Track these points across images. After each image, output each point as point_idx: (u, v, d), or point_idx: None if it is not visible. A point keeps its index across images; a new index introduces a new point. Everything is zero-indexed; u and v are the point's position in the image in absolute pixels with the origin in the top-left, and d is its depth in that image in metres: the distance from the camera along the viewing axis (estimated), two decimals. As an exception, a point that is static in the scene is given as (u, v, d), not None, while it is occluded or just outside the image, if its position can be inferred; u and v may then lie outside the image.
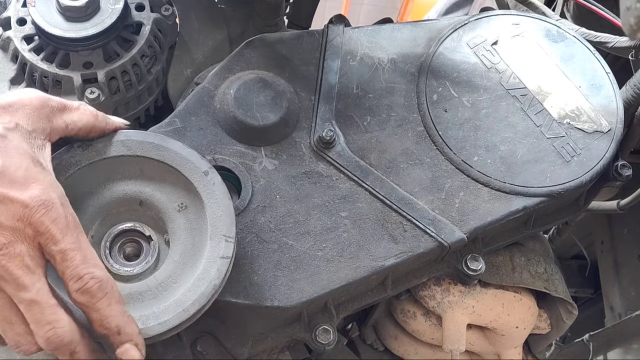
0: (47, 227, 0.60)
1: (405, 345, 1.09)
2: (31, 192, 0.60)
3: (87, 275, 0.61)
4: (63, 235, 0.61)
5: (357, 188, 0.85)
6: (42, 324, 0.60)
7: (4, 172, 0.60)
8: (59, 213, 0.61)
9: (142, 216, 0.74)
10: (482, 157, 0.88)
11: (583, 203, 0.98)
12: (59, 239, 0.60)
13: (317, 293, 0.79)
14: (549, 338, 1.13)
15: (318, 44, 0.94)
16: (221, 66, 0.91)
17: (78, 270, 0.61)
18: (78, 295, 0.61)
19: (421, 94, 0.91)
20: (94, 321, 0.62)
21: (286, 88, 0.88)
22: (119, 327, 0.63)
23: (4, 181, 0.60)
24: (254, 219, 0.81)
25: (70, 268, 0.61)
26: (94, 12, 0.92)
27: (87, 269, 0.61)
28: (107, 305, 0.62)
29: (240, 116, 0.84)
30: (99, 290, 0.61)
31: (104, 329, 0.62)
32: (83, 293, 0.61)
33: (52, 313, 0.60)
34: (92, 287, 0.61)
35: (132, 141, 0.73)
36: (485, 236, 0.91)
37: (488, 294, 0.99)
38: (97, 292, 0.61)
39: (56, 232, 0.60)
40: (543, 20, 0.99)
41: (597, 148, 0.90)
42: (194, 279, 0.68)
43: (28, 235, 0.60)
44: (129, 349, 0.63)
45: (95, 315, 0.62)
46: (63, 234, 0.61)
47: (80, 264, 0.61)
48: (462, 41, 0.95)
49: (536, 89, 0.92)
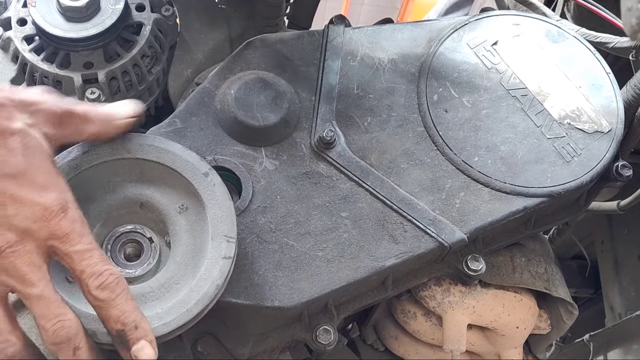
0: (65, 230, 0.61)
1: (406, 346, 1.09)
2: (51, 196, 0.61)
3: (107, 272, 0.62)
4: (81, 237, 0.62)
5: (358, 188, 0.85)
6: (49, 317, 0.60)
7: (26, 172, 0.61)
8: (75, 216, 0.63)
9: (142, 218, 0.74)
10: (483, 157, 0.88)
11: (583, 203, 0.98)
12: (77, 240, 0.62)
13: (318, 293, 0.79)
14: (550, 338, 1.13)
15: (318, 44, 0.94)
16: (222, 66, 0.91)
17: (98, 267, 0.62)
18: (98, 292, 0.62)
19: (422, 95, 0.91)
20: (112, 317, 0.62)
21: (287, 88, 0.88)
22: (136, 322, 0.63)
23: (25, 182, 0.61)
24: (255, 219, 0.81)
25: (90, 266, 0.62)
26: (95, 12, 0.92)
27: (105, 266, 0.62)
28: (124, 301, 0.63)
29: (241, 116, 0.84)
30: (118, 286, 0.62)
31: (121, 324, 0.62)
32: (103, 289, 0.62)
33: (58, 307, 0.61)
34: (112, 283, 0.62)
35: (132, 144, 0.73)
36: (485, 236, 0.91)
37: (488, 294, 0.99)
38: (116, 287, 0.62)
39: (74, 235, 0.62)
40: (543, 21, 0.99)
41: (597, 148, 0.90)
42: (197, 280, 0.68)
43: (40, 237, 0.61)
44: (144, 346, 0.63)
45: (113, 311, 0.62)
46: (80, 236, 0.62)
47: (98, 262, 0.62)
48: (462, 41, 0.95)
49: (536, 90, 0.92)
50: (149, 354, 0.63)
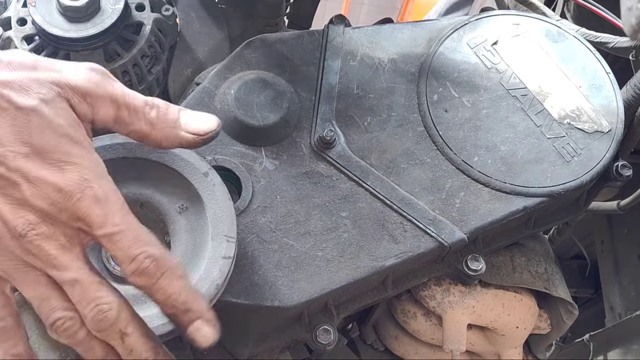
0: (85, 212, 0.55)
1: (406, 345, 1.09)
2: (66, 175, 0.55)
3: (141, 255, 0.56)
4: (105, 219, 0.55)
5: (358, 188, 0.85)
6: (85, 302, 0.55)
7: (38, 152, 0.55)
8: (98, 196, 0.56)
9: (142, 218, 0.74)
10: (483, 157, 0.88)
11: (583, 203, 0.98)
12: (101, 223, 0.55)
13: (318, 293, 0.79)
14: (550, 338, 1.13)
15: (318, 44, 0.94)
16: (221, 66, 0.91)
17: (130, 251, 0.56)
18: (135, 278, 0.56)
19: (422, 94, 0.91)
20: (159, 302, 0.57)
21: (287, 88, 0.88)
22: (185, 305, 0.57)
23: (37, 161, 0.55)
24: (255, 219, 0.81)
25: (121, 250, 0.56)
26: (95, 12, 0.91)
27: (140, 248, 0.56)
28: (168, 283, 0.57)
29: (241, 116, 0.84)
30: (157, 269, 0.56)
31: (170, 308, 0.57)
32: (140, 275, 0.56)
33: (95, 290, 0.55)
34: (149, 267, 0.56)
35: (131, 143, 0.73)
36: (485, 236, 0.91)
37: (488, 294, 0.99)
38: (155, 271, 0.56)
39: (96, 217, 0.55)
40: (543, 21, 0.99)
41: (597, 148, 0.90)
42: (197, 280, 0.68)
43: (62, 219, 0.55)
44: (200, 326, 0.58)
45: (159, 296, 0.57)
46: (105, 217, 0.55)
47: (131, 244, 0.56)
48: (462, 41, 0.95)
49: (536, 89, 0.92)
50: (206, 334, 0.58)
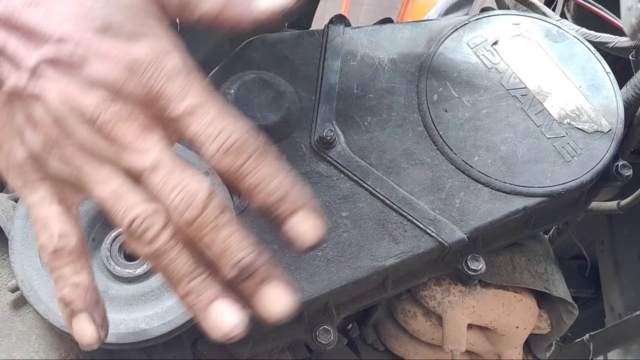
0: (163, 85, 0.47)
1: (406, 345, 1.09)
2: (141, 45, 0.48)
3: (228, 128, 0.47)
4: (187, 91, 0.48)
5: (358, 188, 0.85)
6: (171, 187, 0.46)
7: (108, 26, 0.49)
8: (178, 68, 0.48)
9: None
10: (483, 157, 0.88)
11: (583, 203, 0.98)
12: (183, 96, 0.47)
13: (318, 293, 0.79)
14: (550, 338, 1.13)
15: (318, 44, 0.94)
16: (221, 66, 0.91)
17: (214, 125, 0.47)
18: (220, 158, 0.46)
19: (421, 94, 0.91)
20: (249, 189, 0.47)
21: (286, 88, 0.88)
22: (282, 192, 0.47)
23: (107, 35, 0.48)
24: (255, 219, 0.81)
25: (204, 124, 0.47)
26: (95, 12, 0.91)
27: (225, 120, 0.47)
28: (259, 164, 0.47)
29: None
30: (246, 145, 0.47)
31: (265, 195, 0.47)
32: (225, 153, 0.46)
33: (182, 171, 0.46)
34: (237, 142, 0.46)
35: None
36: (485, 236, 0.91)
37: (488, 294, 0.99)
38: (244, 147, 0.46)
39: (176, 89, 0.48)
40: (543, 21, 0.99)
41: (597, 148, 0.90)
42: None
43: (139, 95, 0.48)
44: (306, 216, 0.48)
45: (248, 179, 0.47)
46: (187, 89, 0.48)
47: (216, 117, 0.47)
48: (462, 41, 0.95)
49: (536, 89, 0.92)
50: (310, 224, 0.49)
